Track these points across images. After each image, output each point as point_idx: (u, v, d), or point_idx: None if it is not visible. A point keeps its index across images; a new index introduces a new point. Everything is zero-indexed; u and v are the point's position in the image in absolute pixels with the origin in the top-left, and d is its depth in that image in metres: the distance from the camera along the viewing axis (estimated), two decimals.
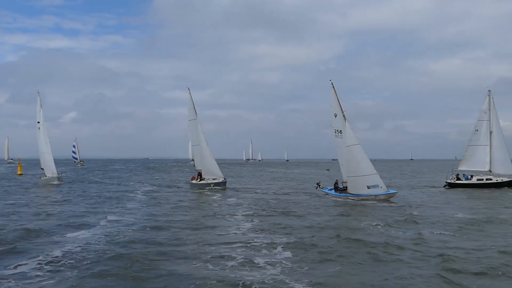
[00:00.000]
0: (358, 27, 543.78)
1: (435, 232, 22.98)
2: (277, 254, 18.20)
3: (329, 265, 16.40)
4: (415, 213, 30.66)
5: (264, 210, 32.27)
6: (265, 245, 19.75)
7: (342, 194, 40.50)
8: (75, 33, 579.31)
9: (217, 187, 50.78)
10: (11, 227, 24.33)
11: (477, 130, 53.28)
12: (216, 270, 15.69)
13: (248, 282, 14.10)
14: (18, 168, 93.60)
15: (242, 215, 30.00)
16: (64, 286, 14.00)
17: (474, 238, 21.49)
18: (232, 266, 16.27)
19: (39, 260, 16.97)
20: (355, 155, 38.45)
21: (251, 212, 31.24)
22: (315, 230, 23.79)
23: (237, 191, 49.68)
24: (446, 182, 54.43)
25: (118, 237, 21.63)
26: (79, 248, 18.83)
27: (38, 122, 56.74)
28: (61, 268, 15.97)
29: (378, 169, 41.67)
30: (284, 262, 16.84)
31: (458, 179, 53.34)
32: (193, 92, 51.24)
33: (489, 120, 52.51)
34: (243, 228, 24.65)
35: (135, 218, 28.29)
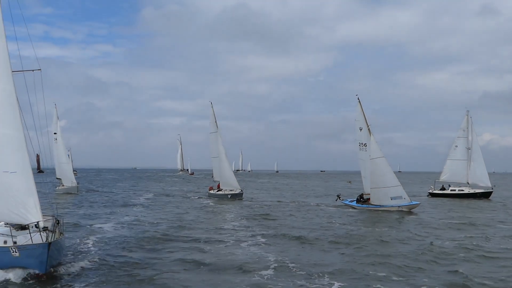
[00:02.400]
0: (346, 41, 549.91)
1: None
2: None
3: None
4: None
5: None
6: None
7: (364, 205, 41.99)
8: (65, 41, 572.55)
9: (234, 198, 52.25)
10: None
11: (457, 146, 58.86)
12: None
13: None
14: None
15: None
16: None
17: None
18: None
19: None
20: (380, 167, 39.96)
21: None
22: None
23: (251, 201, 51.34)
24: (428, 192, 60.58)
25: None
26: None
27: (55, 133, 57.40)
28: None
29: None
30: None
31: (443, 189, 59.10)
32: (182, 103, 53.36)
33: (467, 138, 57.86)
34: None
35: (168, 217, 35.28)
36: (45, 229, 17.24)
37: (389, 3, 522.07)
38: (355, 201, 43.95)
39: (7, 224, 18.62)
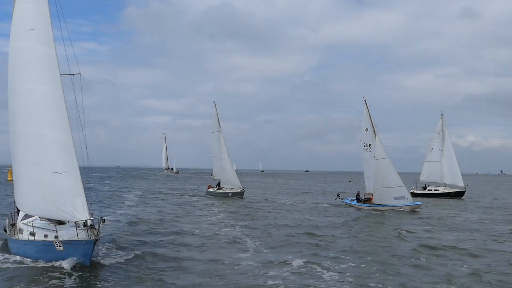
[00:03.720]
0: (331, 42, 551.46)
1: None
2: None
3: None
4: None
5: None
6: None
7: (366, 205, 43.00)
8: None
9: (235, 197, 53.26)
10: None
11: (432, 148, 62.56)
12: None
13: None
14: (9, 174, 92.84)
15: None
16: None
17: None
18: None
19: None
20: (384, 167, 40.98)
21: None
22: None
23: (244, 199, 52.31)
24: (410, 192, 62.45)
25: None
26: None
27: None
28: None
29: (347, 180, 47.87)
30: None
31: (425, 188, 62.04)
32: (167, 102, 54.02)
33: (442, 140, 61.30)
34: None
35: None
36: (91, 226, 18.15)
37: (373, 4, 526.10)
38: (355, 200, 44.94)
39: (42, 218, 19.55)
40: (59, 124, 17.84)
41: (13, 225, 21.86)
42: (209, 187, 57.94)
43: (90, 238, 17.52)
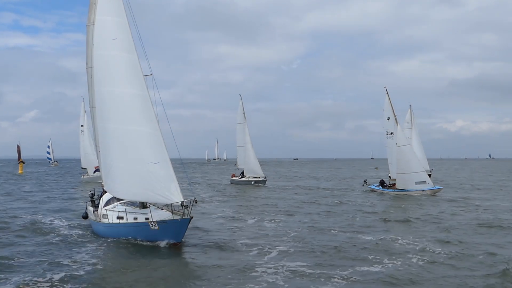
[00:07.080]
0: (318, 30, 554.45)
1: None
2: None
3: None
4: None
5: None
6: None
7: (390, 190, 45.40)
8: (35, 30, 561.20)
9: (258, 184, 56.40)
10: None
11: None
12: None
13: None
14: (20, 167, 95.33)
15: None
16: None
17: None
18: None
19: None
20: (405, 154, 43.34)
21: None
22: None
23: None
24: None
25: None
26: None
27: (82, 126, 59.96)
28: None
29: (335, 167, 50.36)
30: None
31: None
32: (155, 92, 56.34)
33: (411, 129, 65.97)
34: None
35: None
36: (186, 207, 20.26)
37: None
38: (380, 186, 47.23)
39: (123, 203, 22.12)
40: (148, 121, 20.21)
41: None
42: (233, 175, 61.01)
43: (184, 216, 19.82)
